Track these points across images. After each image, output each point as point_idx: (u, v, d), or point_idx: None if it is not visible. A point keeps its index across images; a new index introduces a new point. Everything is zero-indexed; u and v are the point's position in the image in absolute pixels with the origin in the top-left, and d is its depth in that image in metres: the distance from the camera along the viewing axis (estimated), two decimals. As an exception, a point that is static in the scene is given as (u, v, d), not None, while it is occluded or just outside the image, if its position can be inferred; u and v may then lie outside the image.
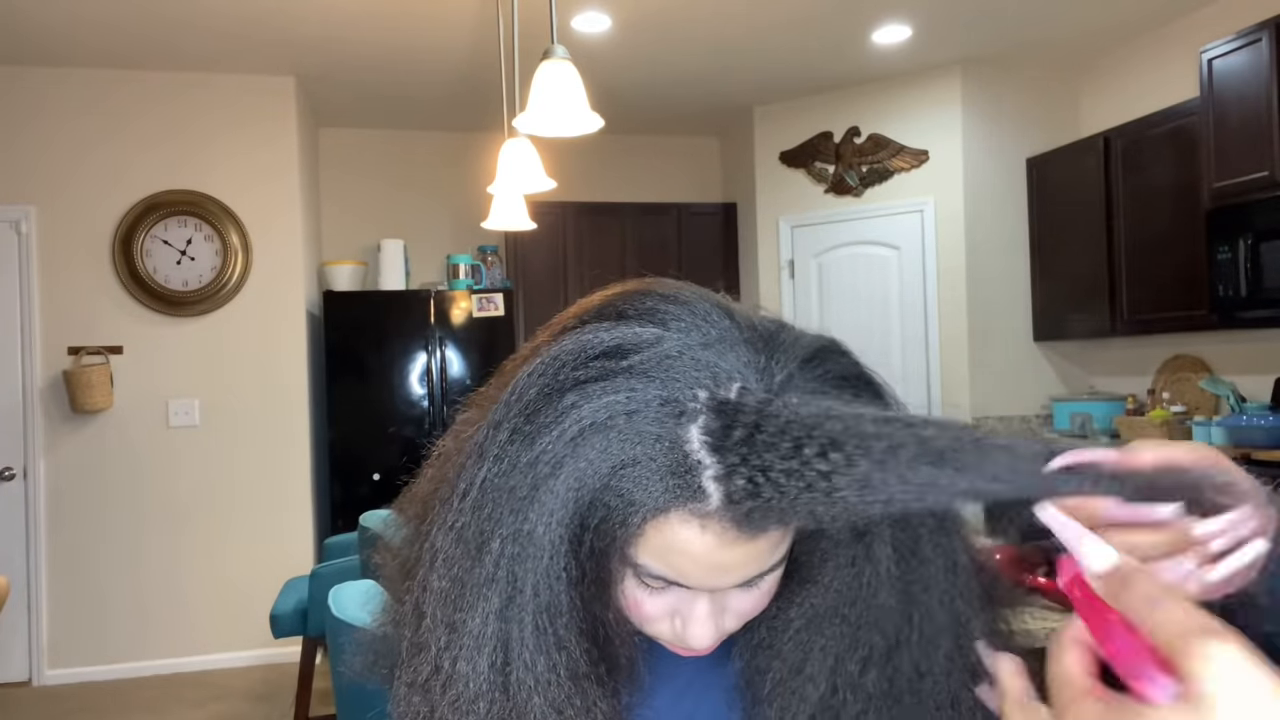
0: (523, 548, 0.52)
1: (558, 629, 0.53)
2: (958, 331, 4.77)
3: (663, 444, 0.50)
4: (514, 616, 0.53)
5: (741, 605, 0.59)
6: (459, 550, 0.54)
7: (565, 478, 0.51)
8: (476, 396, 0.62)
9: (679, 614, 0.58)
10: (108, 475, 4.35)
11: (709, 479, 0.49)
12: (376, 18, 3.88)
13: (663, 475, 0.50)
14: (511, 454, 0.53)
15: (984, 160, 4.78)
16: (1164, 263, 4.00)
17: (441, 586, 0.55)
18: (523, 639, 0.53)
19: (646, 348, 0.53)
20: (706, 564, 0.53)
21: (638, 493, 0.50)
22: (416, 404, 4.79)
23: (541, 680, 0.53)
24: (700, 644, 0.57)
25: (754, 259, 5.41)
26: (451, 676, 0.54)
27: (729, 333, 0.54)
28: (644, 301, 0.56)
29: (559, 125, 2.25)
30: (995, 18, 4.15)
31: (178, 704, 3.99)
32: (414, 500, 0.64)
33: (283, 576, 4.38)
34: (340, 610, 1.69)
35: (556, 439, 0.51)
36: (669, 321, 0.55)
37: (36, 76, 4.30)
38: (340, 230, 5.45)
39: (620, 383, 0.51)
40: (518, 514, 0.52)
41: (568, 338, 0.55)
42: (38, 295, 4.31)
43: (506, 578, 0.53)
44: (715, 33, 4.19)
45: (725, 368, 0.52)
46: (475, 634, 0.54)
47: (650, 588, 0.56)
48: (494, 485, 0.53)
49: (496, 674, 0.54)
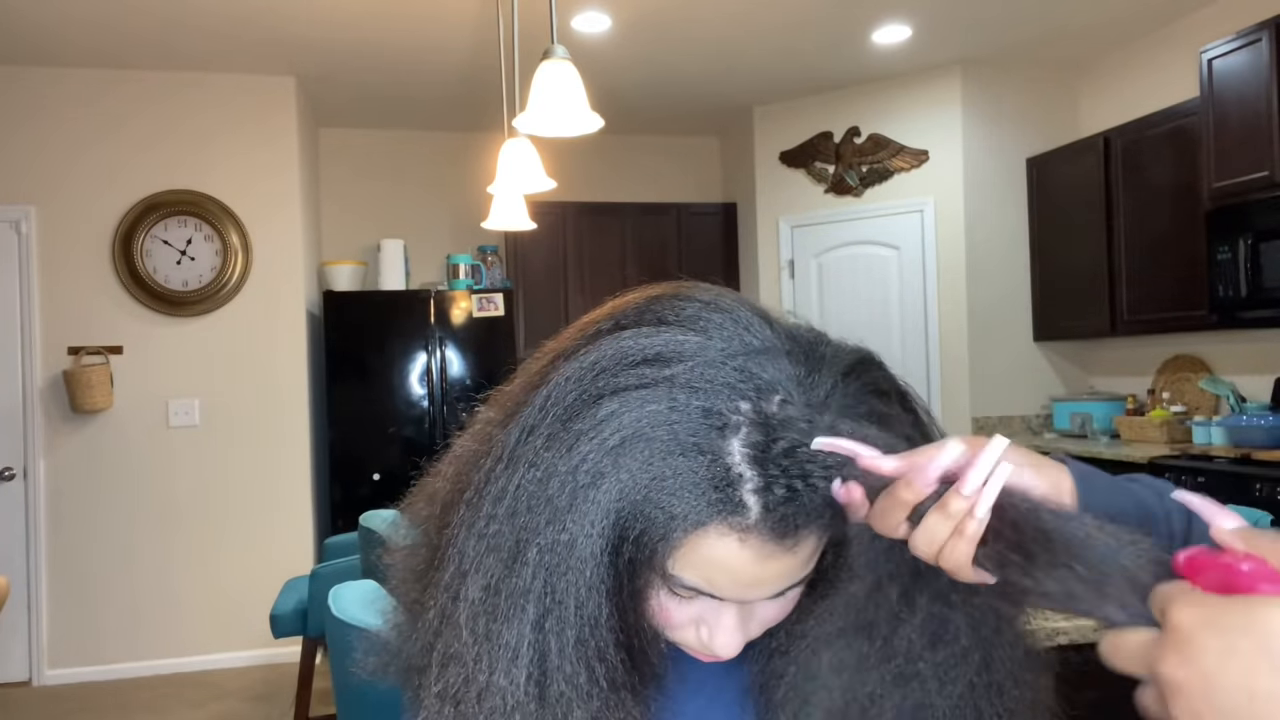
0: (561, 559, 0.51)
1: (597, 641, 0.53)
2: (958, 331, 4.77)
3: (705, 457, 0.50)
4: (552, 628, 0.52)
5: (767, 614, 0.59)
6: (492, 559, 0.53)
7: (606, 488, 0.50)
8: (497, 395, 0.61)
9: (705, 623, 0.57)
10: (107, 475, 4.35)
11: (749, 492, 0.50)
12: (377, 17, 3.88)
13: (704, 488, 0.50)
14: (548, 460, 0.52)
15: (984, 160, 4.78)
16: (1164, 263, 4.00)
17: (474, 596, 0.54)
18: (562, 651, 0.52)
19: (689, 357, 0.52)
20: (742, 578, 0.53)
21: (678, 505, 0.50)
22: (416, 404, 4.79)
23: (582, 692, 0.53)
24: (727, 653, 0.57)
25: (754, 259, 5.41)
26: (486, 688, 0.53)
27: (771, 343, 0.54)
28: (685, 308, 0.56)
29: (559, 125, 2.25)
30: (995, 18, 4.15)
31: (177, 704, 3.99)
32: (430, 500, 0.63)
33: (283, 576, 4.38)
34: (340, 610, 1.69)
35: (597, 448, 0.50)
36: (710, 330, 0.54)
37: (36, 76, 4.30)
38: (340, 230, 5.45)
39: (662, 392, 0.51)
40: (555, 524, 0.51)
41: (605, 342, 0.54)
42: (38, 295, 4.31)
43: (544, 589, 0.52)
44: (715, 33, 4.19)
45: (767, 379, 0.52)
46: (512, 646, 0.53)
47: (680, 597, 0.56)
48: (529, 493, 0.52)
49: (533, 686, 0.53)
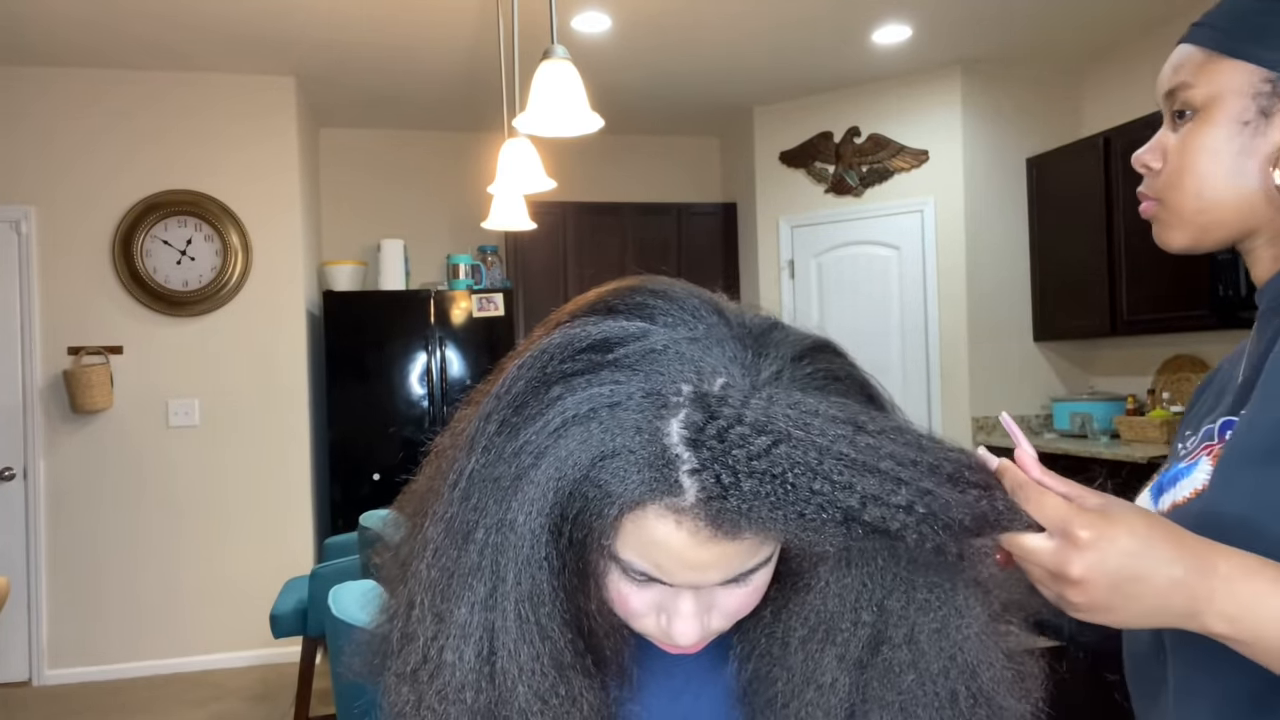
0: (505, 537, 0.53)
1: (540, 618, 0.54)
2: (958, 331, 4.77)
3: (643, 436, 0.50)
4: (497, 604, 0.53)
5: (728, 604, 0.58)
6: (447, 540, 0.55)
7: (546, 467, 0.51)
8: (474, 394, 0.63)
9: (664, 610, 0.57)
10: (108, 475, 4.35)
11: (685, 473, 0.49)
12: (376, 18, 3.88)
13: (641, 468, 0.50)
14: (498, 445, 0.53)
15: (984, 160, 4.78)
16: (1164, 263, 3.99)
17: (431, 576, 0.55)
18: (506, 627, 0.53)
19: (632, 341, 0.53)
20: (684, 560, 0.53)
21: (615, 484, 0.50)
22: (416, 404, 4.79)
23: (525, 669, 0.54)
24: (684, 640, 0.57)
25: (754, 259, 5.41)
26: (439, 666, 0.54)
27: (716, 328, 0.54)
28: (633, 297, 0.56)
29: (559, 125, 2.25)
30: (995, 18, 4.15)
31: (178, 704, 3.99)
32: (411, 497, 0.65)
33: (283, 576, 4.38)
34: (340, 610, 1.69)
35: (540, 430, 0.51)
36: (656, 316, 0.55)
37: (36, 76, 4.30)
38: (340, 230, 5.45)
39: (605, 375, 0.51)
40: (501, 504, 0.52)
41: (557, 332, 0.55)
42: (38, 295, 4.31)
43: (490, 567, 0.53)
44: (715, 33, 4.19)
45: (711, 363, 0.52)
46: (462, 623, 0.54)
47: (635, 582, 0.56)
48: (480, 476, 0.53)
49: (483, 663, 0.54)
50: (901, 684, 0.59)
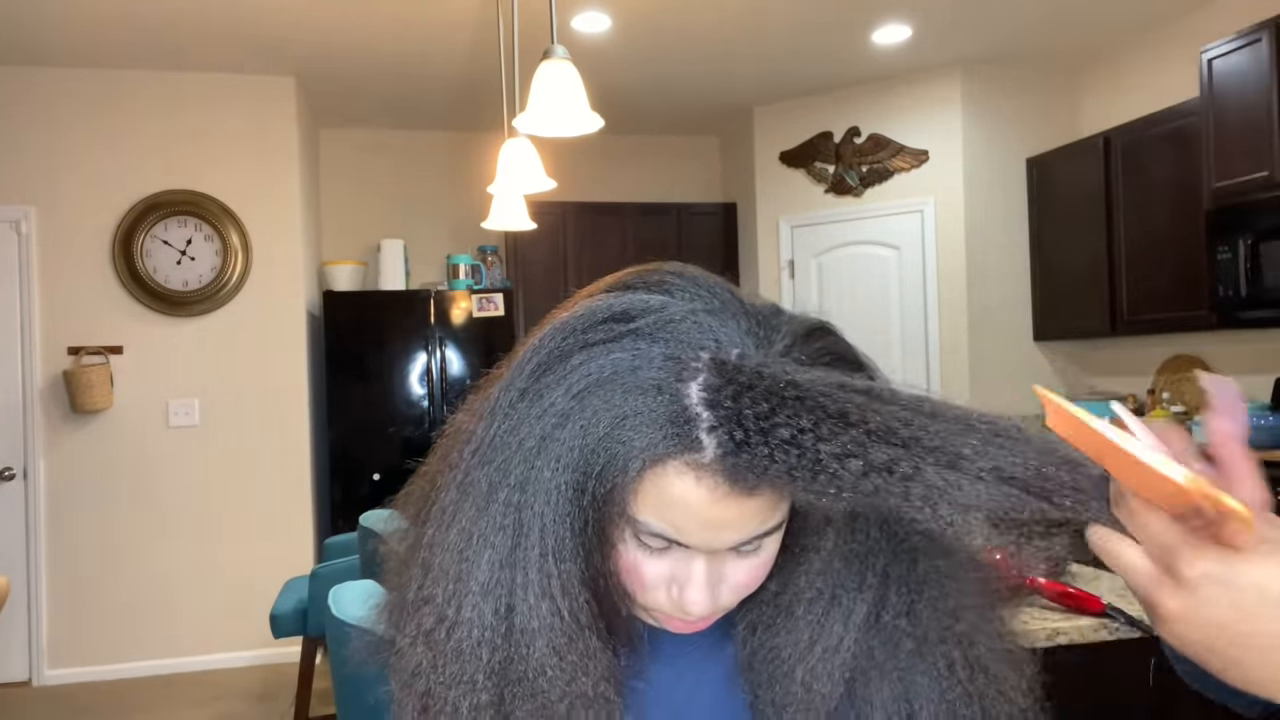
0: (529, 495, 0.54)
1: (562, 574, 0.55)
2: (958, 331, 4.77)
3: (664, 396, 0.52)
4: (519, 561, 0.54)
5: (738, 576, 0.59)
6: (467, 503, 0.56)
7: (570, 427, 0.53)
8: (488, 379, 0.64)
9: (676, 580, 0.58)
10: (108, 475, 4.35)
11: (704, 430, 0.51)
12: (376, 18, 3.88)
13: (662, 425, 0.52)
14: (520, 410, 0.55)
15: (984, 160, 4.78)
16: (1164, 263, 4.00)
17: (448, 539, 0.56)
18: (527, 583, 0.54)
19: (653, 312, 0.55)
20: (702, 518, 0.54)
21: (638, 440, 0.52)
22: (416, 404, 4.79)
23: (544, 624, 0.55)
24: (697, 609, 0.58)
25: (754, 259, 5.41)
26: (455, 623, 0.55)
27: (731, 304, 0.57)
28: (651, 275, 0.59)
29: (559, 125, 2.25)
30: (995, 18, 4.15)
31: (178, 704, 3.99)
32: (422, 476, 0.65)
33: (283, 576, 4.38)
34: (340, 610, 1.69)
35: (563, 394, 0.53)
36: (674, 290, 0.57)
37: (37, 76, 4.30)
38: (340, 230, 5.45)
39: (626, 343, 0.53)
40: (525, 464, 0.54)
41: (579, 305, 0.58)
42: (38, 295, 4.31)
43: (514, 524, 0.54)
44: (715, 33, 4.19)
45: (727, 333, 0.54)
46: (482, 580, 0.55)
47: (649, 549, 0.57)
48: (502, 441, 0.55)
49: (500, 620, 0.55)
50: (901, 650, 0.61)
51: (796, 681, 0.61)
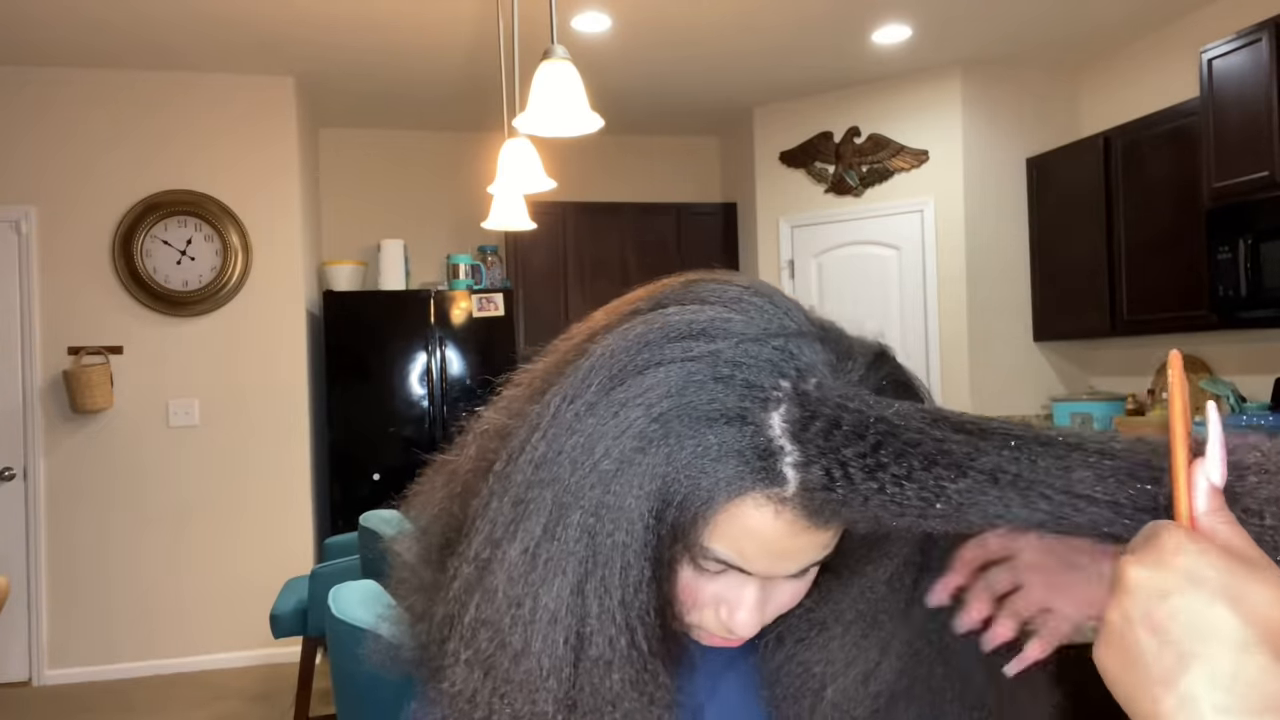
0: (605, 521, 0.52)
1: (640, 604, 0.53)
2: (958, 331, 4.77)
3: (749, 427, 0.51)
4: (594, 591, 0.52)
5: (782, 596, 0.59)
6: (531, 523, 0.53)
7: (654, 453, 0.51)
8: (522, 374, 0.62)
9: (726, 602, 0.58)
10: (108, 475, 4.35)
11: (788, 465, 0.51)
12: (376, 18, 3.88)
13: (747, 457, 0.51)
14: (591, 426, 0.52)
15: (984, 160, 4.78)
16: (1164, 263, 4.00)
17: (509, 559, 0.54)
18: (603, 613, 0.53)
19: (734, 334, 0.53)
20: (773, 549, 0.54)
21: (722, 471, 0.51)
22: (416, 404, 4.79)
23: (622, 655, 0.53)
24: (746, 631, 0.58)
25: (754, 259, 5.41)
26: (522, 652, 0.53)
27: (806, 328, 0.56)
28: (727, 290, 0.57)
29: (559, 125, 2.25)
30: (995, 18, 4.15)
31: (178, 704, 3.99)
32: (451, 477, 0.63)
33: (283, 576, 4.38)
34: (340, 610, 1.69)
35: (643, 414, 0.51)
36: (752, 311, 0.56)
37: (37, 76, 4.30)
38: (340, 230, 5.45)
39: (706, 365, 0.52)
40: (600, 487, 0.52)
41: (650, 317, 0.55)
42: (38, 295, 4.31)
43: (587, 550, 0.52)
44: (715, 33, 4.19)
45: (806, 361, 0.53)
46: (551, 609, 0.53)
47: (706, 572, 0.56)
48: (572, 458, 0.53)
49: (570, 651, 0.53)
50: (933, 677, 0.61)
51: (826, 700, 0.61)
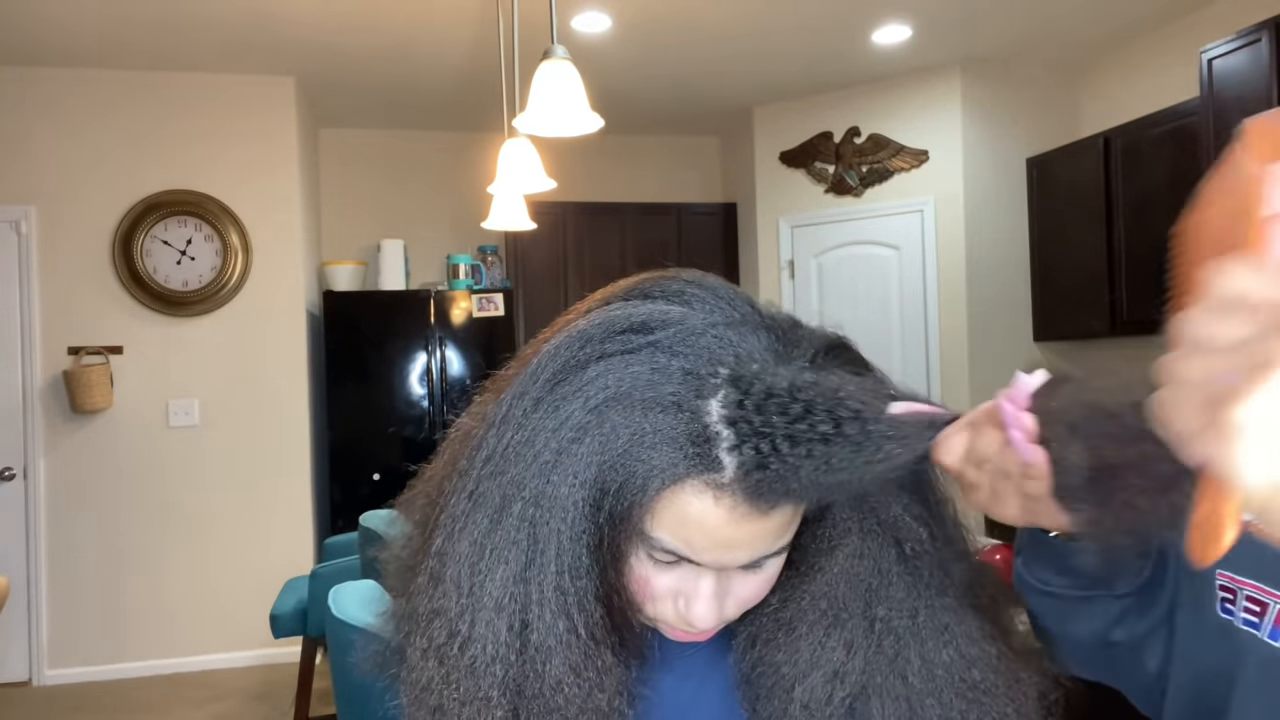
0: (544, 510, 0.53)
1: (578, 590, 0.54)
2: (958, 331, 4.77)
3: (683, 414, 0.51)
4: (534, 578, 0.54)
5: (743, 591, 0.59)
6: (479, 515, 0.55)
7: (589, 442, 0.52)
8: (493, 381, 0.63)
9: (683, 594, 0.58)
10: (108, 475, 4.35)
11: (724, 450, 0.51)
12: (376, 18, 3.88)
13: (681, 444, 0.51)
14: (535, 421, 0.54)
15: (984, 160, 4.78)
16: (1164, 263, 3.99)
17: (459, 550, 0.55)
18: (543, 600, 0.54)
19: (672, 325, 0.54)
20: (717, 538, 0.54)
21: (657, 459, 0.51)
22: (416, 404, 4.79)
23: (561, 641, 0.54)
24: (703, 623, 0.58)
25: (754, 259, 5.41)
26: (468, 639, 0.54)
27: (751, 317, 0.56)
28: (670, 285, 0.58)
29: (559, 125, 2.25)
30: (995, 18, 4.15)
31: (178, 704, 3.99)
32: (428, 481, 0.64)
33: (283, 576, 4.38)
34: (340, 610, 1.69)
35: (581, 406, 0.52)
36: (694, 303, 0.56)
37: (37, 77, 4.30)
38: (340, 230, 5.45)
39: (644, 356, 0.53)
40: (540, 477, 0.53)
41: (594, 314, 0.57)
42: (38, 295, 4.31)
43: (528, 539, 0.54)
44: (715, 33, 4.19)
45: (746, 348, 0.54)
46: (495, 596, 0.54)
47: (659, 563, 0.57)
48: (516, 452, 0.54)
49: (514, 637, 0.54)
50: (908, 672, 0.60)
51: (795, 701, 0.60)
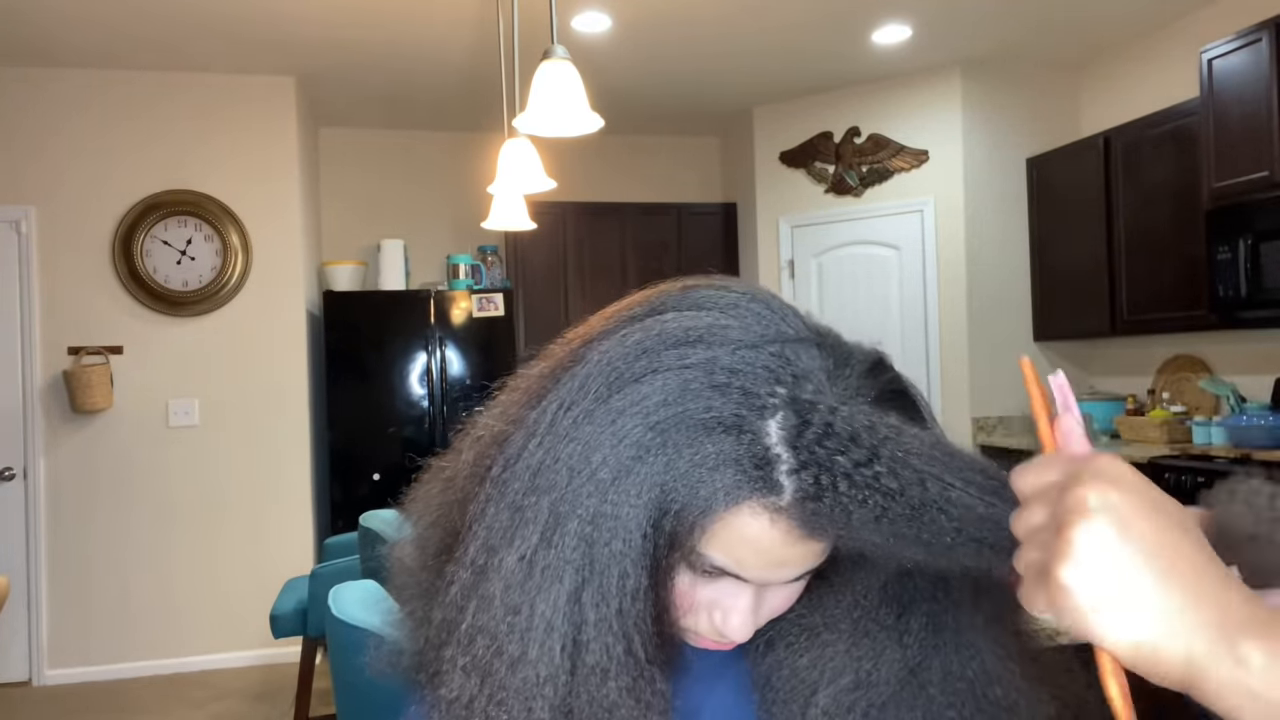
0: (604, 530, 0.52)
1: (636, 613, 0.53)
2: (958, 331, 4.77)
3: (745, 435, 0.51)
4: (590, 600, 0.52)
5: (776, 601, 0.60)
6: (527, 530, 0.53)
7: (651, 462, 0.51)
8: (518, 379, 0.62)
9: (720, 606, 0.58)
10: (108, 475, 4.35)
11: (784, 473, 0.51)
12: (376, 17, 3.88)
13: (744, 465, 0.51)
14: (588, 434, 0.52)
15: (984, 160, 4.78)
16: (1164, 263, 4.00)
17: (504, 566, 0.54)
18: (600, 622, 0.53)
19: (731, 341, 0.53)
20: (769, 558, 0.54)
21: (719, 481, 0.51)
22: (416, 404, 4.79)
23: (618, 663, 0.53)
24: (740, 636, 0.58)
25: (754, 259, 5.41)
26: (519, 660, 0.53)
27: (803, 334, 0.56)
28: (724, 297, 0.57)
29: (559, 125, 2.25)
30: (995, 18, 4.15)
31: (178, 704, 3.99)
32: (447, 484, 0.63)
33: (283, 576, 4.38)
34: (340, 610, 1.69)
35: (640, 423, 0.51)
36: (749, 317, 0.55)
37: (37, 77, 4.30)
38: (340, 230, 5.45)
39: (703, 373, 0.52)
40: (597, 496, 0.52)
41: (647, 323, 0.55)
42: (38, 295, 4.31)
43: (584, 559, 0.52)
44: (715, 32, 4.19)
45: (802, 367, 0.53)
46: (547, 617, 0.53)
47: (701, 577, 0.57)
48: (569, 466, 0.53)
49: (566, 658, 0.53)
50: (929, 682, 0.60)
51: (817, 707, 0.60)
